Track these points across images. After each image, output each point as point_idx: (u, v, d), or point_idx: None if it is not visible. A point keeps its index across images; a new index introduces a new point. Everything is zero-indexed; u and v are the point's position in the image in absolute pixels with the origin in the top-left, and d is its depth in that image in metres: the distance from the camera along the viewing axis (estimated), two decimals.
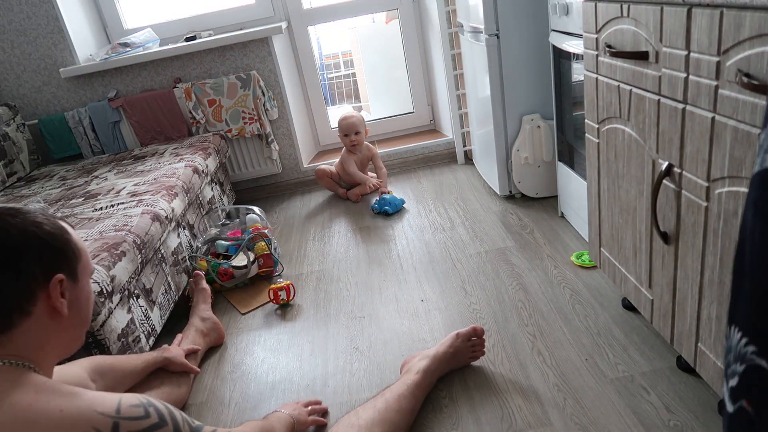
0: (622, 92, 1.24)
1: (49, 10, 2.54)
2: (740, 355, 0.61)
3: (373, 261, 2.05)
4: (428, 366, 1.33)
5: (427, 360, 1.35)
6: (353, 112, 2.70)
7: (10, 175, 2.44)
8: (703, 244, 1.02)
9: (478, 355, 1.42)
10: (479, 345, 1.42)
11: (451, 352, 1.38)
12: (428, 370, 1.33)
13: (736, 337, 0.61)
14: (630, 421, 1.18)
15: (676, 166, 1.06)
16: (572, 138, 1.88)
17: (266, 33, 2.59)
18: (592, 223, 1.57)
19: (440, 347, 1.39)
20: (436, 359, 1.36)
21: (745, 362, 0.61)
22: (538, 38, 2.05)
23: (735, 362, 0.62)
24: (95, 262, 1.43)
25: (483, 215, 2.26)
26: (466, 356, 1.41)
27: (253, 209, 2.23)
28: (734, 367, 0.62)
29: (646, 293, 1.29)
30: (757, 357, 0.59)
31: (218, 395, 1.49)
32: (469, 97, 2.59)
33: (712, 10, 0.88)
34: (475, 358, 1.42)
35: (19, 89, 2.68)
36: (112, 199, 1.91)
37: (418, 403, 1.28)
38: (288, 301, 1.85)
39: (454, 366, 1.40)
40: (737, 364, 0.62)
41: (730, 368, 0.63)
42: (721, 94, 0.89)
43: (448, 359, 1.38)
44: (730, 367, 0.63)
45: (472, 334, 1.40)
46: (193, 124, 2.69)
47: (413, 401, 1.25)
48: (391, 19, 3.35)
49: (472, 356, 1.42)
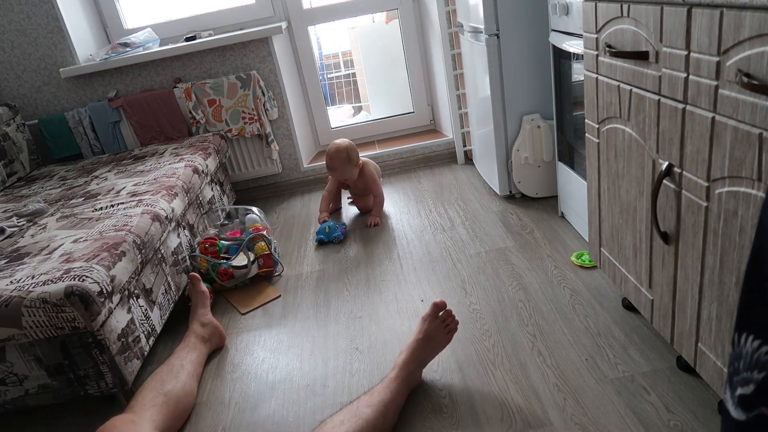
0: (622, 92, 1.24)
1: (49, 10, 2.54)
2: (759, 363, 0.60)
3: (373, 261, 2.05)
4: (404, 359, 1.35)
5: (402, 354, 1.37)
6: (339, 141, 2.35)
7: (10, 175, 2.44)
8: (703, 244, 1.02)
9: (453, 327, 1.40)
10: (449, 318, 1.40)
11: (422, 337, 1.37)
12: (404, 362, 1.34)
13: (753, 344, 0.60)
14: (630, 421, 1.18)
15: (676, 166, 1.06)
16: (572, 138, 1.88)
17: (266, 33, 2.59)
18: (592, 223, 1.57)
19: (412, 336, 1.40)
20: (410, 348, 1.37)
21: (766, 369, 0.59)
22: (538, 38, 2.05)
23: (748, 370, 0.61)
24: (95, 262, 1.43)
25: (483, 215, 2.25)
26: (441, 334, 1.39)
27: (252, 209, 2.23)
28: (747, 375, 0.61)
29: (646, 293, 1.29)
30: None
31: (218, 395, 1.49)
32: (469, 97, 2.59)
33: (712, 10, 0.88)
34: (452, 331, 1.40)
35: (19, 89, 2.68)
36: (112, 199, 1.91)
37: (396, 395, 1.27)
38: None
39: (435, 348, 1.39)
40: (754, 372, 0.60)
41: (739, 376, 0.62)
42: (721, 94, 0.89)
43: (421, 345, 1.37)
44: (740, 375, 0.62)
45: (436, 311, 1.38)
46: (193, 124, 2.69)
47: (386, 394, 1.25)
48: (391, 19, 3.35)
49: (448, 331, 1.40)
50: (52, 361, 1.42)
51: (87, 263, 1.42)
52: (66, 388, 1.46)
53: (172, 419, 1.33)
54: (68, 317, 1.34)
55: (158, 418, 1.28)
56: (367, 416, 1.18)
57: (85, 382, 1.45)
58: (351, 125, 3.24)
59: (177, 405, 1.36)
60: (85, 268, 1.40)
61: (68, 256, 1.49)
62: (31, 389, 1.46)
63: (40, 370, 1.43)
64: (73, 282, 1.34)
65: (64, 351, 1.41)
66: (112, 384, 1.45)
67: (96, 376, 1.44)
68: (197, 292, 1.77)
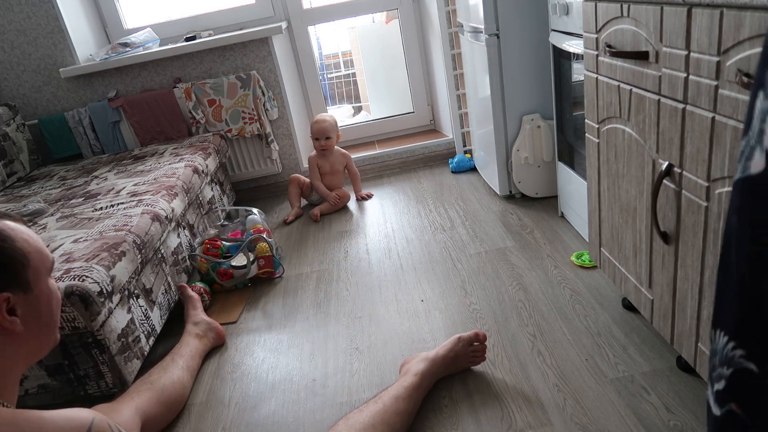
0: (622, 92, 1.24)
1: (49, 10, 2.54)
2: (727, 359, 0.61)
3: (373, 261, 2.05)
4: (427, 369, 1.32)
5: (425, 363, 1.34)
6: (326, 115, 2.62)
7: (10, 175, 2.44)
8: (703, 244, 1.02)
9: (479, 360, 1.40)
10: (481, 351, 1.40)
11: (451, 356, 1.36)
12: (426, 373, 1.32)
13: (723, 340, 0.61)
14: (630, 421, 1.18)
15: (676, 166, 1.06)
16: (572, 138, 1.88)
17: (266, 33, 2.59)
18: (592, 223, 1.57)
19: (441, 350, 1.37)
20: (436, 362, 1.34)
21: (732, 365, 0.60)
22: (538, 38, 2.05)
23: (721, 366, 0.62)
24: (95, 262, 1.43)
25: (483, 215, 2.25)
26: (466, 361, 1.39)
27: (253, 211, 2.23)
28: (720, 371, 0.62)
29: (646, 293, 1.29)
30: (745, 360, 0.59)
31: (218, 395, 1.49)
32: (469, 97, 2.59)
33: (712, 10, 0.88)
34: (475, 363, 1.40)
35: (19, 89, 2.68)
36: (112, 199, 1.90)
37: (416, 405, 1.27)
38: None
39: (453, 370, 1.39)
40: (723, 368, 0.62)
41: (715, 372, 0.63)
42: (721, 94, 0.89)
43: (447, 363, 1.36)
44: (716, 371, 0.63)
45: (474, 339, 1.38)
46: (193, 124, 2.69)
47: (411, 404, 1.25)
48: (391, 19, 3.35)
49: (472, 361, 1.40)
50: (52, 361, 1.42)
51: (87, 263, 1.42)
52: (66, 387, 1.46)
53: (157, 404, 1.34)
54: (68, 317, 1.34)
55: (140, 400, 1.30)
56: (394, 425, 1.19)
57: (85, 382, 1.45)
58: (351, 125, 3.24)
59: (162, 391, 1.37)
60: (85, 268, 1.40)
61: (68, 256, 1.49)
62: (31, 389, 1.46)
63: (40, 370, 1.43)
64: (73, 282, 1.34)
65: (64, 351, 1.41)
66: (112, 384, 1.45)
67: (96, 375, 1.44)
68: (186, 297, 1.82)
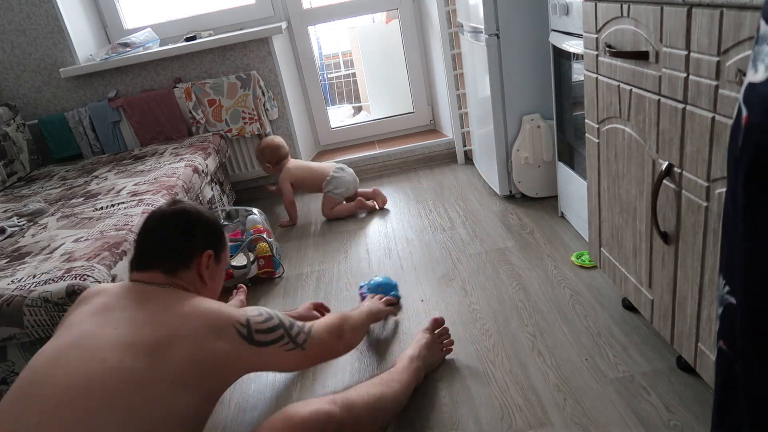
0: (622, 92, 1.24)
1: (49, 10, 2.54)
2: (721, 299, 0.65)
3: (373, 261, 2.05)
4: (412, 352, 1.39)
5: (410, 349, 1.42)
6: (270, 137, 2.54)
7: (10, 175, 2.44)
8: (703, 244, 1.02)
9: (448, 345, 1.48)
10: (445, 335, 1.48)
11: (423, 342, 1.43)
12: (412, 355, 1.38)
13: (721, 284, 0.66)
14: (630, 421, 1.18)
15: (676, 166, 1.07)
16: (572, 138, 1.88)
17: (266, 33, 2.59)
18: (592, 223, 1.57)
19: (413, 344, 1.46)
20: (417, 344, 1.43)
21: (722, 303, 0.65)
22: (538, 38, 2.05)
23: (718, 307, 0.66)
24: (96, 261, 1.43)
25: (483, 215, 2.26)
26: (438, 349, 1.46)
27: (253, 211, 2.23)
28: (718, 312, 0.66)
29: (646, 293, 1.29)
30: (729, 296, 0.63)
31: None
32: (469, 97, 2.60)
33: (712, 10, 0.88)
34: (448, 349, 1.48)
35: (19, 89, 2.68)
36: (113, 199, 1.91)
37: (405, 385, 1.29)
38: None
39: (435, 356, 1.44)
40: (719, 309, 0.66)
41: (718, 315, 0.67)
42: (721, 94, 0.89)
43: (427, 345, 1.43)
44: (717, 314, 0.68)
45: (434, 326, 1.48)
46: (193, 124, 2.69)
47: (410, 374, 1.32)
48: (391, 19, 3.36)
49: (445, 349, 1.47)
50: None
51: (88, 262, 1.42)
52: None
53: None
54: None
55: None
56: (395, 389, 1.26)
57: None
58: (351, 125, 3.24)
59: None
60: (87, 267, 1.40)
61: (69, 256, 1.49)
62: None
63: None
64: (75, 281, 1.34)
65: None
66: None
67: None
68: None
